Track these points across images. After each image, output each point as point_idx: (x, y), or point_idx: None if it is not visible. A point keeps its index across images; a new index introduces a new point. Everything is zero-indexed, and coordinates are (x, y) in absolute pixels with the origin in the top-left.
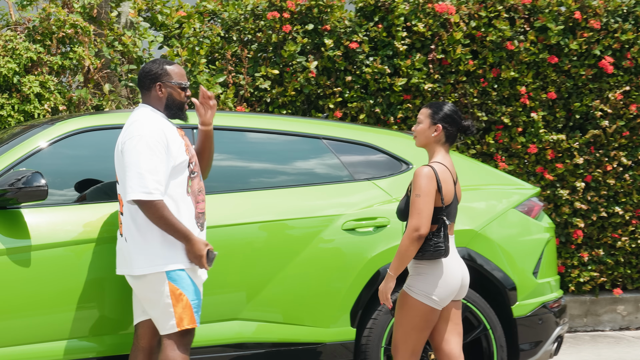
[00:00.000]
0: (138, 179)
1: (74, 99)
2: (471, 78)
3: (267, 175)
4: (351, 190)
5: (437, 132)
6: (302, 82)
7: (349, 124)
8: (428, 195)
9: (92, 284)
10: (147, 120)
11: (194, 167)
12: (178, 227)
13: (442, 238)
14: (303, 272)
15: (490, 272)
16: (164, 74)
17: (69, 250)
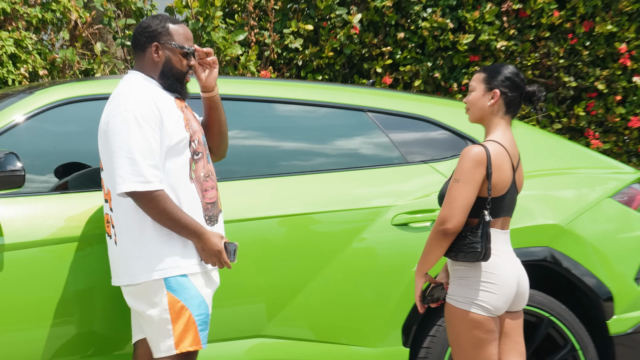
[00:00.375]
0: (130, 165)
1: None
2: (556, 34)
3: (298, 158)
4: (403, 175)
5: (495, 100)
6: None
7: (400, 92)
8: (469, 183)
9: (79, 292)
10: (133, 90)
11: (198, 147)
12: (186, 221)
13: (479, 237)
14: (342, 279)
15: (580, 278)
16: (164, 33)
17: (51, 250)
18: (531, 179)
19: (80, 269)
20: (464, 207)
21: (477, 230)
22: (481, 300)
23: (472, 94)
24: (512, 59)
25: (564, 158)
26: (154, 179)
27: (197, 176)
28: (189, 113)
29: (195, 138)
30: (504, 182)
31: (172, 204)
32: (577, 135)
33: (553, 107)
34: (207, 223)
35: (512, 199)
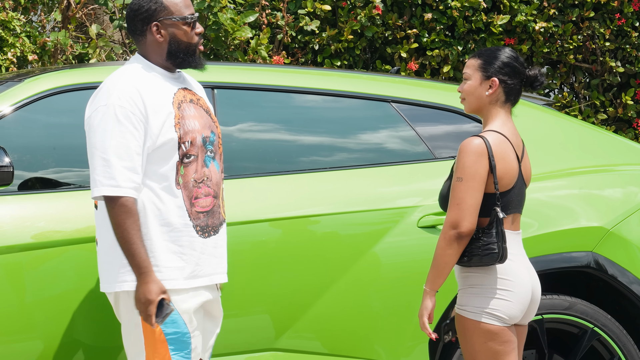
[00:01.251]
0: (103, 167)
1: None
2: (602, 13)
3: (313, 153)
4: (431, 172)
5: (493, 89)
6: (363, 22)
7: (428, 80)
8: (474, 179)
9: (73, 298)
10: (118, 79)
11: (190, 149)
12: (136, 250)
13: (494, 237)
14: (363, 287)
15: (628, 287)
16: (159, 9)
17: (42, 254)
18: (572, 176)
19: (74, 273)
20: (473, 206)
21: (491, 230)
22: (495, 309)
23: (468, 83)
24: (552, 41)
25: (609, 153)
26: (127, 183)
27: (185, 182)
28: (190, 108)
29: (187, 139)
30: (510, 174)
31: (134, 222)
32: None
33: (598, 96)
34: (200, 234)
35: (521, 193)
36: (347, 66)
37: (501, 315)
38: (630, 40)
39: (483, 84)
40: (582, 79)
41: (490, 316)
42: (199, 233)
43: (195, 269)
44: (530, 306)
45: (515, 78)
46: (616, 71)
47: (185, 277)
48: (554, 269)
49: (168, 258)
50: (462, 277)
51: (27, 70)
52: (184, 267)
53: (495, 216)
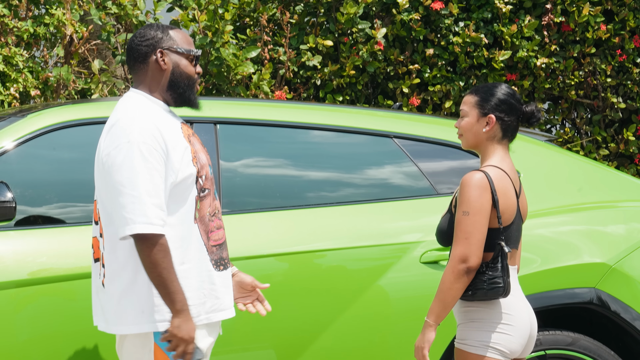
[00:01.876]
0: (133, 204)
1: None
2: (603, 49)
3: (315, 189)
4: (433, 208)
5: (490, 126)
6: (365, 57)
7: (430, 116)
8: (479, 213)
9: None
10: (135, 115)
11: (205, 183)
12: (177, 288)
13: (499, 271)
14: (366, 322)
15: (631, 323)
16: (166, 38)
17: (45, 289)
18: (575, 212)
19: (75, 309)
20: (480, 241)
21: (497, 264)
22: (497, 343)
23: (465, 120)
24: (554, 77)
25: (611, 189)
26: (158, 221)
27: (202, 216)
28: (196, 142)
29: (202, 173)
30: (510, 209)
31: (169, 260)
32: (627, 162)
33: (599, 131)
34: (215, 268)
35: (518, 229)
36: (349, 101)
37: (502, 350)
38: (631, 76)
39: (480, 121)
40: (584, 115)
41: (492, 350)
42: (214, 267)
43: (215, 302)
44: (528, 341)
45: (512, 115)
46: (617, 107)
47: (207, 312)
48: (557, 305)
49: (189, 296)
50: (463, 312)
51: (29, 106)
52: (205, 303)
53: (500, 250)
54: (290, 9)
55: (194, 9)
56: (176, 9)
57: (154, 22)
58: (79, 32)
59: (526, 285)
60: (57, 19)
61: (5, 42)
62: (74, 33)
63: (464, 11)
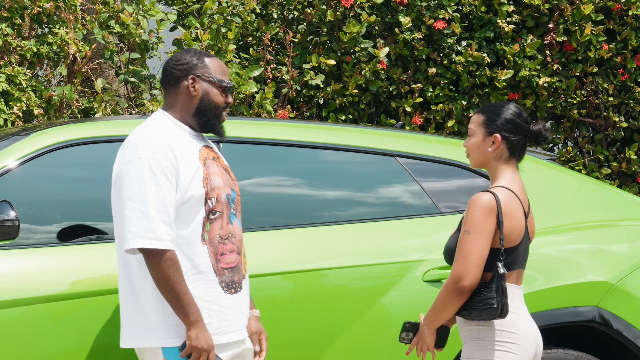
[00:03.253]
0: (140, 219)
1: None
2: (605, 69)
3: (317, 208)
4: (436, 226)
5: (496, 145)
6: (367, 77)
7: (432, 135)
8: (481, 234)
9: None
10: (149, 133)
11: (216, 205)
12: (190, 300)
13: (493, 292)
14: (367, 341)
15: (633, 342)
16: (200, 65)
17: (48, 308)
18: (577, 231)
19: (78, 329)
20: (478, 261)
21: (492, 285)
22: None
23: (472, 139)
24: (556, 96)
25: (613, 208)
26: (166, 236)
27: (211, 237)
28: (214, 166)
29: (213, 195)
30: (517, 230)
31: (180, 274)
32: (629, 181)
33: (601, 150)
34: (225, 290)
35: (526, 249)
36: (351, 120)
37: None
38: (633, 95)
39: (486, 140)
40: (586, 134)
41: None
42: (224, 289)
43: (222, 325)
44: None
45: (518, 134)
46: (620, 126)
47: (213, 333)
48: (559, 324)
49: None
50: (468, 330)
51: (32, 125)
52: (211, 323)
53: (496, 271)
54: (293, 28)
55: (196, 28)
56: (179, 28)
57: (191, 48)
58: (82, 51)
59: (528, 303)
60: (60, 38)
61: (8, 61)
62: (77, 52)
63: (466, 30)
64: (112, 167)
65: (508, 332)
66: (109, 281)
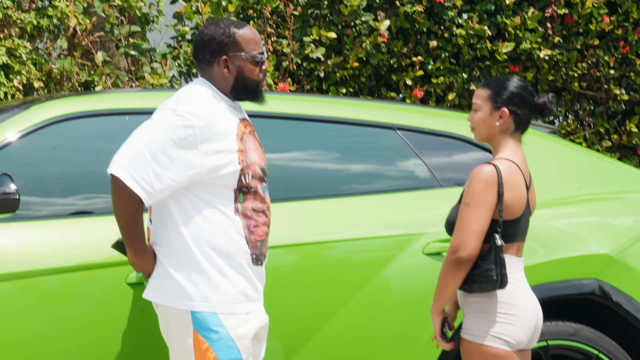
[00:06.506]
0: (136, 153)
1: (54, 72)
2: (607, 41)
3: (317, 180)
4: (436, 200)
5: (503, 119)
6: (368, 50)
7: (433, 108)
8: (482, 206)
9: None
10: (192, 95)
11: (250, 182)
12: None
13: (492, 264)
14: (366, 314)
15: (633, 315)
16: (231, 44)
17: (48, 281)
18: (577, 204)
19: (78, 301)
20: (477, 232)
21: (490, 257)
22: (502, 334)
23: (478, 114)
24: (557, 69)
25: (613, 181)
26: (143, 183)
27: (244, 209)
28: (250, 141)
29: (248, 171)
30: (519, 202)
31: (140, 214)
32: (629, 153)
33: (602, 123)
34: (255, 263)
35: (527, 221)
36: (352, 93)
37: (507, 339)
38: (634, 68)
39: (493, 115)
40: (587, 107)
41: (496, 340)
42: (254, 262)
43: (254, 294)
44: (534, 332)
45: (525, 107)
46: (620, 99)
47: (250, 301)
48: (559, 296)
49: (218, 282)
50: (468, 303)
51: (33, 98)
52: (246, 292)
53: (494, 243)
54: (294, 0)
55: (197, 0)
56: (180, 1)
57: (221, 19)
58: (82, 24)
59: (529, 275)
60: (61, 10)
61: (8, 34)
62: (78, 25)
63: (467, 3)
64: (112, 140)
65: (508, 304)
66: (109, 254)
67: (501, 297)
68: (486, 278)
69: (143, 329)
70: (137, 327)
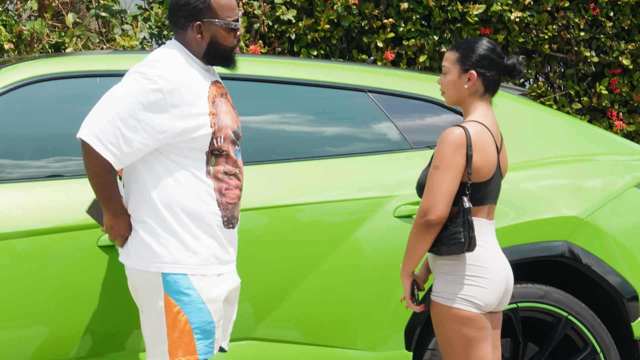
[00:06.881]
0: (104, 118)
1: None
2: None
3: (287, 143)
4: (407, 162)
5: (472, 82)
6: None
7: (404, 70)
8: (450, 169)
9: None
10: (163, 59)
11: (222, 145)
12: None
13: (460, 226)
14: (338, 276)
15: (602, 277)
16: (205, 10)
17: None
18: (548, 166)
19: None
20: (446, 195)
21: (458, 219)
22: (471, 296)
23: (447, 77)
24: (528, 31)
25: (584, 143)
26: (112, 148)
27: (216, 171)
28: (222, 104)
29: (220, 135)
30: (489, 164)
31: (114, 176)
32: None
33: (572, 85)
34: (226, 225)
35: (498, 184)
36: (323, 56)
37: (477, 302)
38: (604, 30)
39: (462, 77)
40: (557, 69)
41: (466, 302)
42: (225, 225)
43: (225, 256)
44: (504, 294)
45: (494, 69)
46: (590, 61)
47: (221, 263)
48: (529, 258)
49: (188, 243)
50: (437, 265)
51: (3, 60)
52: (217, 254)
53: (462, 205)
54: None
55: None
56: None
57: None
58: None
59: (499, 238)
60: None
61: None
62: None
63: None
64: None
65: (478, 267)
66: (80, 217)
67: (470, 260)
68: (454, 240)
69: (115, 291)
70: (110, 289)
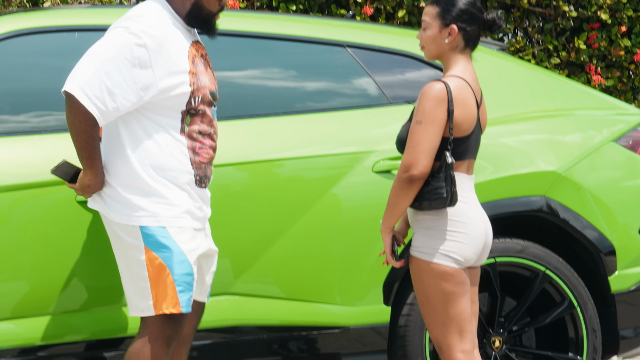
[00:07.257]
0: (89, 71)
1: None
2: None
3: (266, 98)
4: (386, 117)
5: (452, 36)
6: None
7: (383, 25)
8: (432, 124)
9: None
10: (145, 13)
11: (199, 105)
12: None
13: (442, 181)
14: (316, 232)
15: (580, 231)
16: None
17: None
18: (527, 121)
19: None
20: (428, 150)
21: (440, 174)
22: (450, 251)
23: (427, 32)
24: None
25: (562, 98)
26: (97, 101)
27: (190, 130)
28: (200, 64)
29: (198, 94)
30: (469, 119)
31: (96, 132)
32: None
33: (551, 40)
34: (198, 184)
35: (477, 139)
36: (302, 10)
37: (456, 257)
38: None
39: (442, 32)
40: (536, 24)
41: (445, 257)
42: (197, 183)
43: (200, 213)
44: (483, 249)
45: (474, 24)
46: (569, 15)
47: (195, 219)
48: (507, 213)
49: (166, 196)
50: (417, 220)
51: None
52: (192, 210)
53: (444, 160)
54: None
55: None
56: None
57: None
58: None
59: (478, 193)
60: None
61: None
62: None
63: None
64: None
65: (458, 222)
66: None
67: (451, 215)
68: (436, 195)
69: (95, 246)
70: (89, 243)
